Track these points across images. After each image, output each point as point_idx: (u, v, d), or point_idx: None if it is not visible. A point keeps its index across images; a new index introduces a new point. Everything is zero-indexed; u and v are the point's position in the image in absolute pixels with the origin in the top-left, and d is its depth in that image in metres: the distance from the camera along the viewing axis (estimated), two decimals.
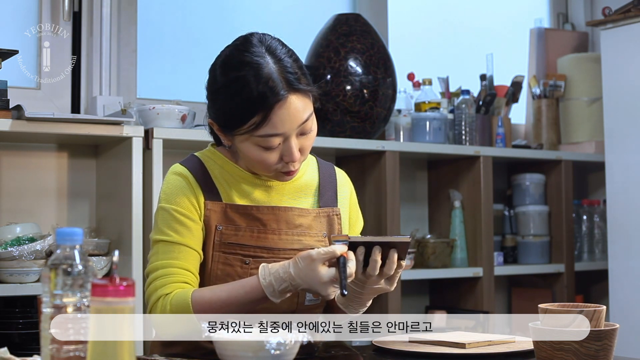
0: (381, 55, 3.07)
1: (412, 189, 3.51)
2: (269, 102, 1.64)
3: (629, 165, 3.12)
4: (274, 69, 1.66)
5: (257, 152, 1.69)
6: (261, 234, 1.75)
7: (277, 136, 1.67)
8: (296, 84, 1.67)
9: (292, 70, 1.68)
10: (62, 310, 1.15)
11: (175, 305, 1.66)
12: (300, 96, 1.68)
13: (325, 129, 3.04)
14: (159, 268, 1.71)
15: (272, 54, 1.68)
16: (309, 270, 1.58)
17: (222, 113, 1.71)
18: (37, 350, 1.25)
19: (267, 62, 1.66)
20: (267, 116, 1.64)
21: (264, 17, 3.37)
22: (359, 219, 1.94)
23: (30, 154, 2.75)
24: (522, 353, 1.62)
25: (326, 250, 1.58)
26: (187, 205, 1.73)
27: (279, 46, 1.72)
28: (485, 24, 3.96)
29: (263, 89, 1.64)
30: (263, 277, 1.63)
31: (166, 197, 1.75)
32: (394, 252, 1.63)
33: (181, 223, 1.72)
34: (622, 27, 3.13)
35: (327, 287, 1.59)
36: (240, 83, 1.65)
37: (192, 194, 1.74)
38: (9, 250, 2.42)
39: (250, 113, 1.65)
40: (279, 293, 1.62)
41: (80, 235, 1.19)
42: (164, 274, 1.70)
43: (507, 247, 3.58)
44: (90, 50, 2.87)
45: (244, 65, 1.66)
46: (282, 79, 1.66)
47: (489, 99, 3.49)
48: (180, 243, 1.71)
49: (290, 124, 1.67)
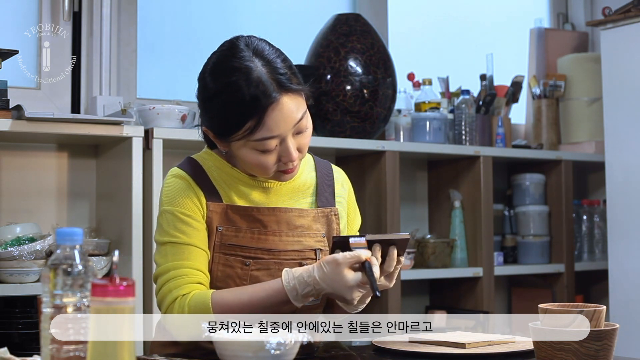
0: (381, 55, 3.07)
1: (412, 189, 3.51)
2: (262, 106, 1.64)
3: (629, 165, 3.12)
4: (263, 72, 1.65)
5: (255, 157, 1.69)
6: (262, 236, 1.75)
7: (273, 138, 1.67)
8: (287, 84, 1.67)
9: (282, 71, 1.67)
10: (62, 310, 1.15)
11: (194, 306, 1.65)
12: (293, 96, 1.68)
13: (325, 129, 3.04)
14: (170, 270, 1.70)
15: (260, 57, 1.67)
16: (334, 275, 1.59)
17: (216, 120, 1.70)
18: (37, 350, 1.25)
19: (256, 66, 1.65)
20: (261, 120, 1.64)
21: (264, 17, 3.37)
22: (357, 216, 1.94)
23: (30, 154, 2.75)
24: (522, 353, 1.62)
25: (352, 255, 1.60)
26: (190, 206, 1.73)
27: (266, 47, 1.71)
28: (485, 24, 3.96)
29: (254, 92, 1.63)
30: (287, 281, 1.63)
31: (168, 200, 1.74)
32: (393, 249, 1.64)
33: (187, 224, 1.71)
34: (622, 27, 3.13)
35: (353, 291, 1.60)
36: (232, 89, 1.65)
37: (194, 195, 1.74)
38: (9, 250, 2.42)
39: (244, 118, 1.64)
40: (302, 297, 1.63)
41: (80, 235, 1.19)
42: (176, 275, 1.69)
43: (507, 247, 3.59)
44: (90, 50, 2.87)
45: (233, 71, 1.65)
46: (273, 80, 1.65)
47: (489, 99, 3.49)
48: (188, 244, 1.71)
49: (285, 125, 1.66)
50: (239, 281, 1.73)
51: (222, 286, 1.72)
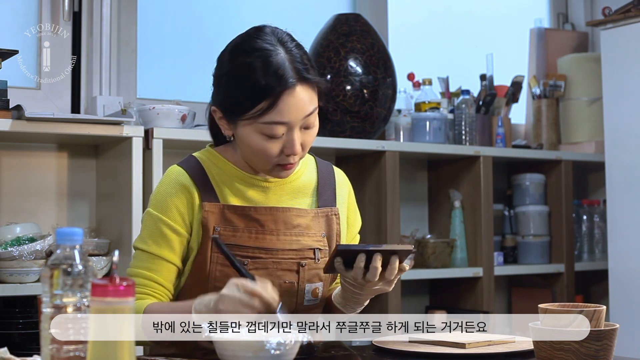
0: (381, 55, 3.07)
1: (412, 189, 3.51)
2: (278, 89, 1.64)
3: (629, 165, 3.12)
4: (284, 57, 1.67)
5: (259, 141, 1.69)
6: (259, 235, 1.75)
7: (282, 124, 1.67)
8: (305, 73, 1.68)
9: (301, 61, 1.69)
10: (62, 310, 1.15)
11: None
12: (308, 88, 1.69)
13: (325, 129, 3.04)
14: (137, 276, 1.73)
15: (283, 45, 1.70)
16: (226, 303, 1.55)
17: (229, 97, 1.71)
18: (37, 350, 1.25)
19: (278, 51, 1.68)
20: (275, 103, 1.65)
21: (264, 17, 3.33)
22: (357, 218, 1.94)
23: (30, 154, 2.75)
24: (522, 353, 1.61)
25: None
26: (174, 216, 1.73)
27: (289, 39, 1.73)
28: (485, 24, 3.96)
29: (272, 75, 1.65)
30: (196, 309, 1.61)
31: (156, 203, 1.75)
32: (395, 259, 1.64)
33: (163, 235, 1.73)
34: (622, 27, 3.13)
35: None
36: (250, 68, 1.66)
37: (185, 199, 1.73)
38: (9, 250, 2.42)
39: (258, 98, 1.65)
40: None
41: (80, 235, 1.19)
42: (140, 283, 1.72)
43: (507, 247, 3.58)
44: (90, 50, 2.87)
45: (254, 51, 1.68)
46: (292, 67, 1.67)
47: (489, 99, 3.49)
48: (159, 256, 1.73)
49: (296, 113, 1.67)
50: None
51: (221, 286, 1.72)
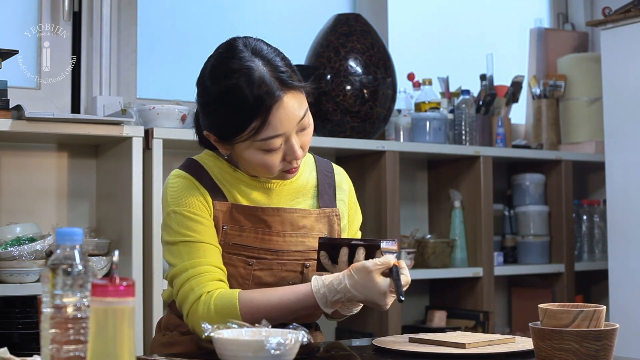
0: (381, 55, 3.07)
1: (412, 189, 3.51)
2: (267, 105, 1.63)
3: (629, 165, 3.12)
4: (265, 71, 1.64)
5: (260, 157, 1.68)
6: (265, 236, 1.74)
7: (278, 137, 1.66)
8: (289, 82, 1.66)
9: (283, 70, 1.67)
10: (62, 310, 1.15)
11: (220, 305, 1.64)
12: (295, 93, 1.67)
13: (325, 129, 3.04)
14: (188, 268, 1.68)
15: (260, 56, 1.67)
16: (366, 282, 1.60)
17: (220, 124, 1.69)
18: (37, 350, 1.25)
19: (257, 65, 1.65)
20: (266, 119, 1.63)
21: (264, 17, 3.37)
22: (358, 214, 1.94)
23: (30, 154, 2.75)
24: (522, 353, 1.61)
25: (382, 261, 1.61)
26: (197, 204, 1.72)
27: (264, 47, 1.70)
28: (485, 24, 3.96)
29: (258, 92, 1.62)
30: (317, 288, 1.63)
31: (174, 200, 1.73)
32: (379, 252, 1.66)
33: (196, 222, 1.70)
34: (622, 27, 3.12)
35: (386, 296, 1.62)
36: (234, 91, 1.63)
37: (199, 194, 1.73)
38: (9, 250, 2.42)
39: (249, 119, 1.64)
40: (332, 304, 1.64)
41: (80, 235, 1.19)
42: (195, 273, 1.67)
43: (507, 247, 3.58)
44: (90, 50, 2.87)
45: (234, 73, 1.64)
46: (275, 79, 1.64)
47: (489, 99, 3.50)
48: (201, 241, 1.69)
49: (289, 123, 1.66)
50: (241, 281, 1.72)
51: None
